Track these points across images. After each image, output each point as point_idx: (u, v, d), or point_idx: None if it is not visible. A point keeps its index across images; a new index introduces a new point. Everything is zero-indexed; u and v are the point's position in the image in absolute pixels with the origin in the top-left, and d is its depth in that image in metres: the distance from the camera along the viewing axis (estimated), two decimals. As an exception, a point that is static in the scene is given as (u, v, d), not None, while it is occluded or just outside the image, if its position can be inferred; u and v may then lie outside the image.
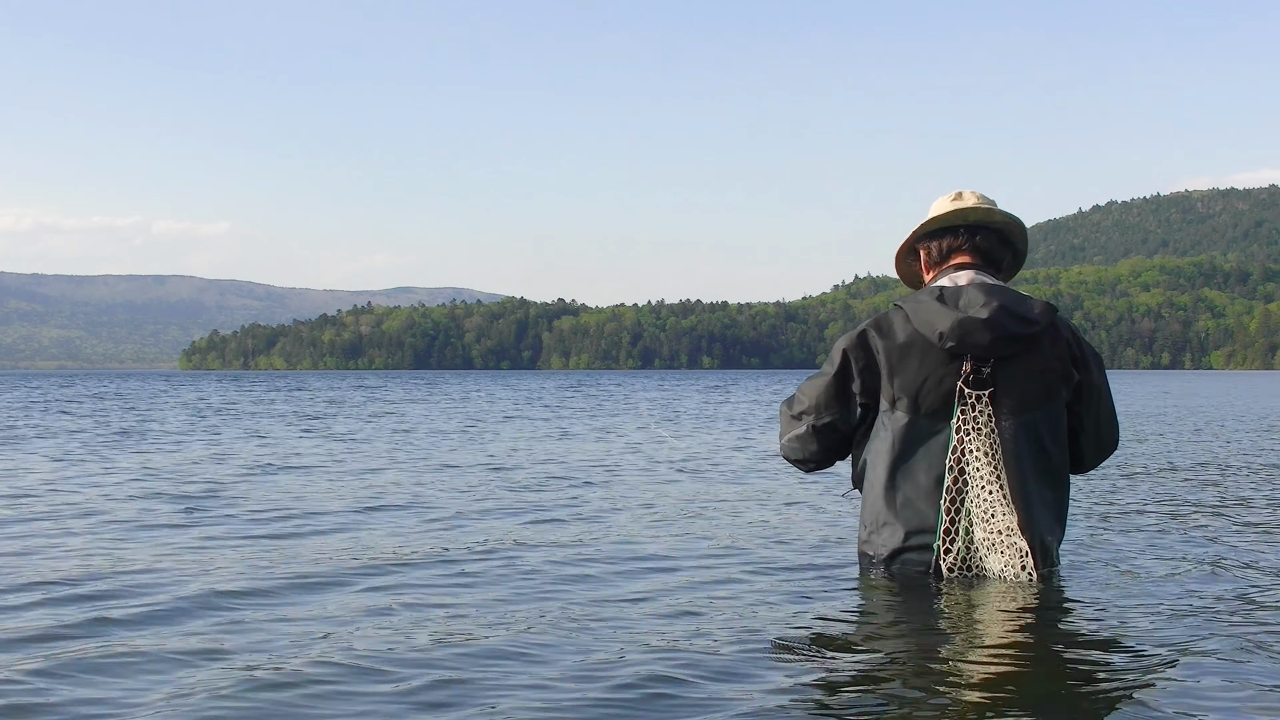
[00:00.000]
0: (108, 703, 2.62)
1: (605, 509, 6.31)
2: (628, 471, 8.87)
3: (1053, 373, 3.67)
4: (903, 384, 3.63)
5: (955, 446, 3.57)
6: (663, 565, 4.40)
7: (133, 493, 7.18)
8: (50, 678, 2.82)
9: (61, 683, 2.78)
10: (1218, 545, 4.84)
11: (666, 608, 3.59)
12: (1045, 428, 3.66)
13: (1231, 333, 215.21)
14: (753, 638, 3.19)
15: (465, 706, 2.59)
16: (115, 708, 2.58)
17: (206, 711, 2.55)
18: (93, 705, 2.61)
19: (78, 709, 2.58)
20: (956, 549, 3.60)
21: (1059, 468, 3.73)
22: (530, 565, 4.40)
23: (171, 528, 5.57)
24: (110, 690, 2.72)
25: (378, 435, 13.95)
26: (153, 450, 11.30)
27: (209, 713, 2.54)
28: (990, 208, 3.82)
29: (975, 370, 3.58)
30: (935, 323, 3.61)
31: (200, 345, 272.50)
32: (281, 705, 2.59)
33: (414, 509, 6.31)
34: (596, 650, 3.05)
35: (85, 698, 2.66)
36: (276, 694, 2.67)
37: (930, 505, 3.61)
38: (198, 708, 2.57)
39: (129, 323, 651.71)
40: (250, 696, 2.64)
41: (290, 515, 6.03)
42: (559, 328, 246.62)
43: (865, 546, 3.81)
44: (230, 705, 2.59)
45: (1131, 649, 3.04)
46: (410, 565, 4.40)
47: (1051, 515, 3.72)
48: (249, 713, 2.55)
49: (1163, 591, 3.80)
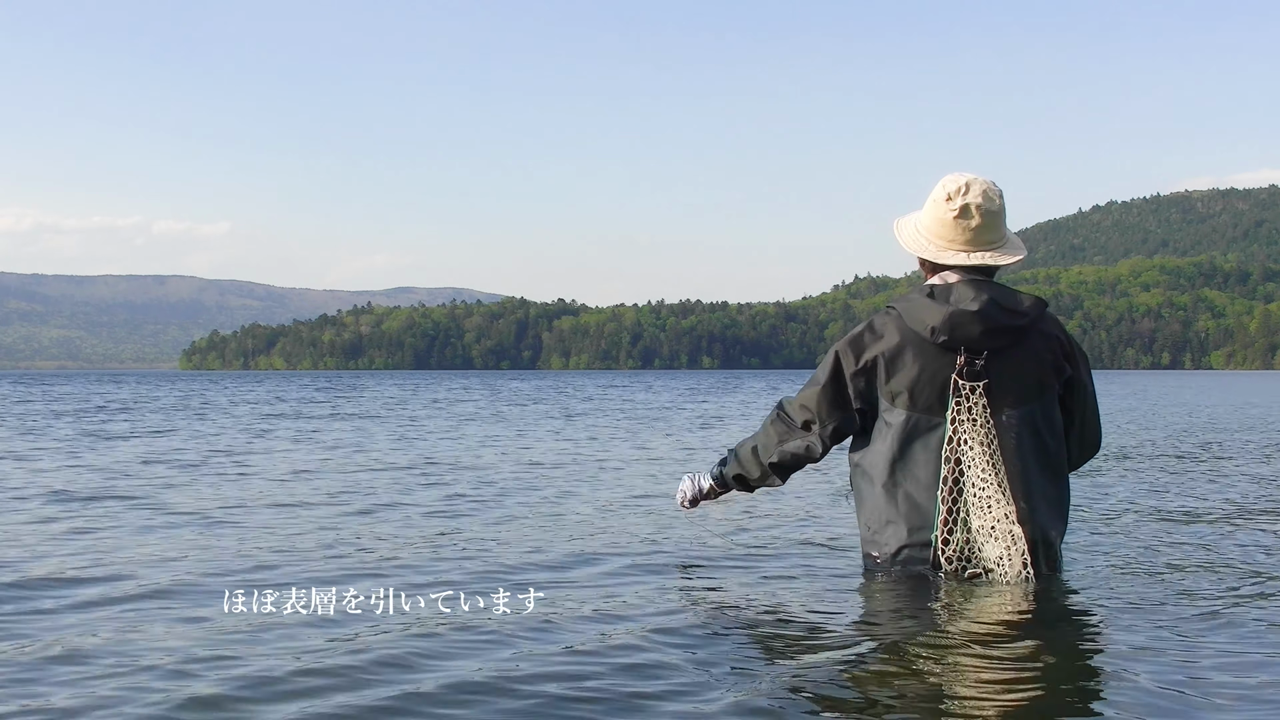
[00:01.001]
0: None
1: (604, 506, 6.30)
2: (627, 472, 8.86)
3: (1045, 365, 3.67)
4: (899, 382, 3.63)
5: (951, 438, 3.57)
6: (660, 567, 4.39)
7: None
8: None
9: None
10: (1214, 540, 4.85)
11: (665, 608, 3.61)
12: (1042, 420, 3.66)
13: (1231, 333, 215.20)
14: (753, 637, 3.19)
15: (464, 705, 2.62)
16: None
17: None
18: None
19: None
20: (955, 540, 3.59)
21: (1058, 461, 3.72)
22: (514, 562, 4.41)
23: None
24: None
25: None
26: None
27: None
28: (998, 256, 3.72)
29: (969, 363, 3.58)
30: (926, 318, 3.61)
31: (200, 345, 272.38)
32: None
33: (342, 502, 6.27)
34: (593, 649, 3.05)
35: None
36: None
37: (931, 501, 3.61)
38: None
39: (129, 323, 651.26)
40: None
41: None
42: (559, 328, 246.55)
43: (869, 546, 3.79)
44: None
45: (1132, 646, 3.06)
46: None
47: (1054, 509, 3.70)
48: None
49: (1162, 589, 3.80)
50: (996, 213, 3.72)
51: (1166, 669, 2.82)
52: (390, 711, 2.53)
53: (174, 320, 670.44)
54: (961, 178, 3.73)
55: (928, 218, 3.78)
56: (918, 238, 3.79)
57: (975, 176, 3.74)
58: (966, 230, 3.69)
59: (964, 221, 3.69)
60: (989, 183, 3.74)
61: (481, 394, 35.08)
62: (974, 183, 3.72)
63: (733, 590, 3.85)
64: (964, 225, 3.69)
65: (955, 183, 3.72)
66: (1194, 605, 3.52)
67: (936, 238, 3.74)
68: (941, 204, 3.73)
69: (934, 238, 3.75)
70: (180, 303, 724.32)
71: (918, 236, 3.80)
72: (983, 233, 3.70)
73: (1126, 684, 2.69)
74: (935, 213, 3.75)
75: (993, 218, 3.71)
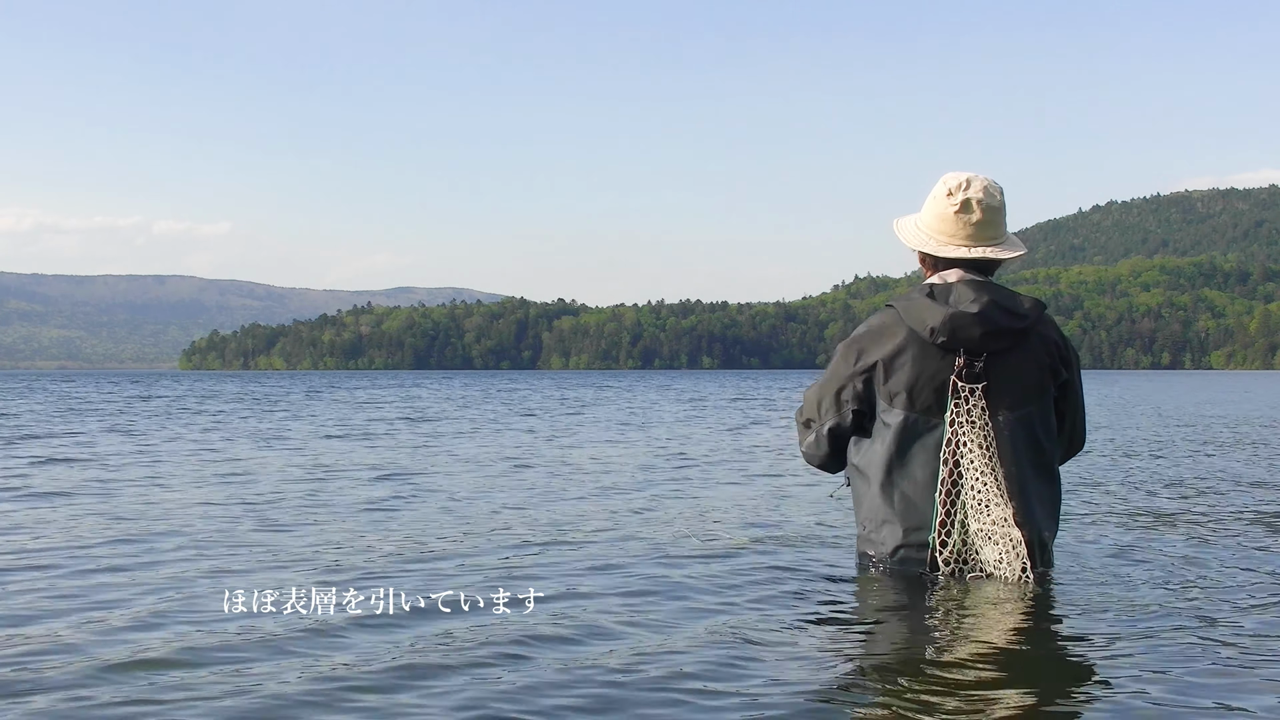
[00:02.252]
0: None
1: (612, 509, 6.31)
2: (624, 469, 8.88)
3: (1043, 368, 3.69)
4: (898, 382, 3.64)
5: (949, 440, 3.58)
6: (658, 565, 4.40)
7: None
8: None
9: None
10: (1207, 544, 4.87)
11: (664, 608, 3.61)
12: (1038, 422, 3.68)
13: (1231, 333, 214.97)
14: (754, 636, 3.20)
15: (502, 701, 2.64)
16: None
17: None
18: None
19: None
20: (953, 542, 3.61)
21: (1051, 462, 3.74)
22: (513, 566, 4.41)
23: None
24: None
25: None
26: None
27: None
28: (999, 250, 3.74)
29: (968, 365, 3.59)
30: (926, 319, 3.61)
31: (200, 345, 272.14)
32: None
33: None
34: (589, 648, 3.06)
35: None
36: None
37: (928, 501, 3.62)
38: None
39: (129, 323, 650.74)
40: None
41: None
42: (559, 328, 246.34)
43: (865, 545, 3.81)
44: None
45: (1127, 648, 3.07)
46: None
47: (1047, 510, 3.73)
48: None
49: (1154, 591, 3.81)
50: (998, 209, 3.74)
51: (1166, 667, 2.82)
52: (391, 711, 2.52)
53: (174, 320, 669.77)
54: (963, 174, 3.77)
55: (928, 214, 3.79)
56: (919, 234, 3.80)
57: (976, 174, 3.78)
58: (968, 225, 3.71)
59: (965, 216, 3.71)
60: (990, 180, 3.77)
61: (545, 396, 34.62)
62: (975, 179, 3.75)
63: (732, 590, 3.85)
64: (965, 220, 3.71)
65: (956, 179, 3.75)
66: (1189, 603, 3.53)
67: (938, 233, 3.75)
68: (943, 199, 3.74)
69: (935, 233, 3.76)
70: (180, 303, 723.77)
71: (919, 232, 3.81)
72: (984, 228, 3.72)
73: (1124, 683, 2.70)
74: (936, 208, 3.76)
75: (994, 213, 3.73)
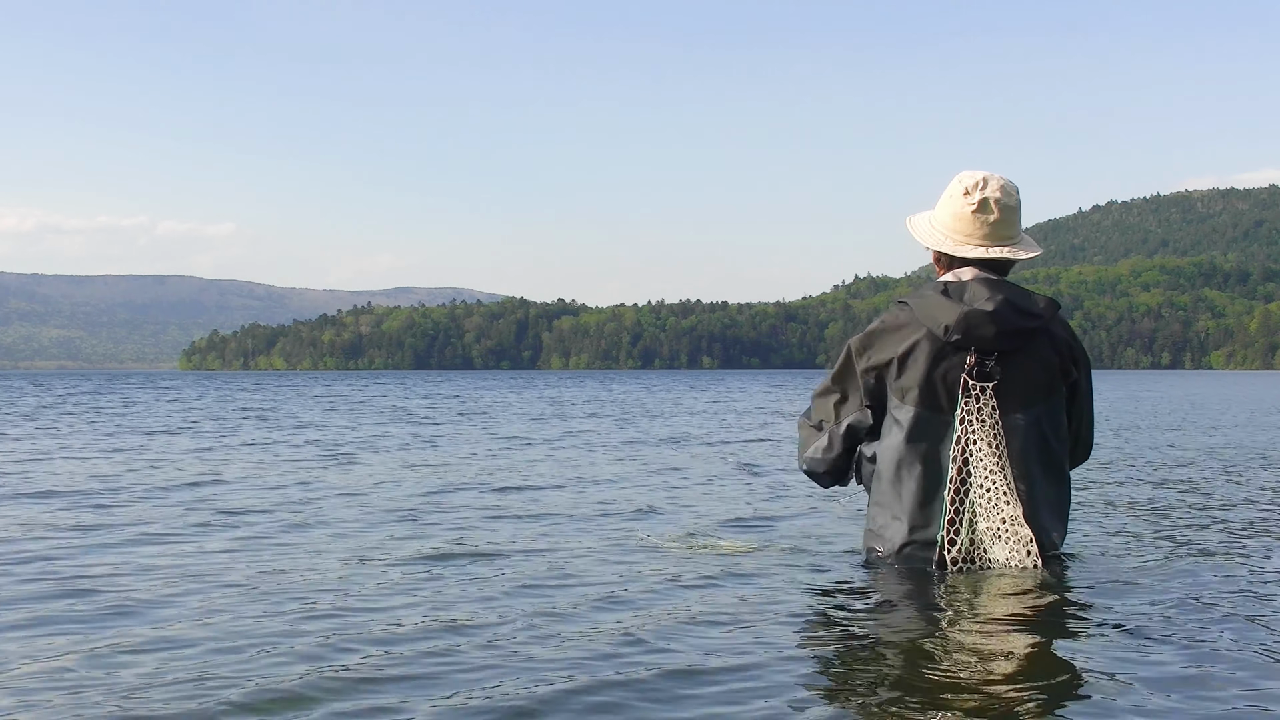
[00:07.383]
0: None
1: (613, 499, 6.36)
2: (626, 468, 8.91)
3: (1054, 368, 3.68)
4: (910, 379, 3.63)
5: (959, 438, 3.57)
6: (658, 563, 4.39)
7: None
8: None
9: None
10: (1218, 538, 4.87)
11: (667, 603, 3.61)
12: (1048, 423, 3.67)
13: (1231, 333, 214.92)
14: (754, 635, 3.20)
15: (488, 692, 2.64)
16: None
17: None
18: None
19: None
20: (961, 541, 3.60)
21: (1061, 463, 3.73)
22: (500, 563, 4.43)
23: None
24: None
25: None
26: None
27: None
28: (1016, 250, 3.72)
29: (980, 363, 3.58)
30: (940, 316, 3.60)
31: (200, 345, 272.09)
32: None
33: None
34: (590, 647, 3.05)
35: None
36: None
37: (937, 499, 3.61)
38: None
39: (129, 323, 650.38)
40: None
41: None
42: (559, 328, 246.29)
43: (872, 540, 3.81)
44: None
45: (1135, 641, 3.06)
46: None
47: (1054, 512, 3.72)
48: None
49: (1165, 584, 3.80)
50: (1014, 208, 3.72)
51: (1166, 665, 2.82)
52: (391, 711, 2.53)
53: (174, 320, 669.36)
54: (979, 173, 3.74)
55: (944, 213, 3.76)
56: (934, 232, 3.78)
57: (992, 173, 3.75)
58: (985, 224, 3.69)
59: (982, 215, 3.69)
60: (1006, 179, 3.75)
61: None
62: (991, 178, 3.73)
63: (733, 586, 3.83)
64: (982, 219, 3.69)
65: (973, 178, 3.72)
66: (1197, 597, 3.51)
67: (954, 232, 3.73)
68: (959, 198, 3.71)
69: (951, 232, 3.74)
70: (180, 303, 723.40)
71: (934, 231, 3.78)
72: (1001, 227, 3.70)
73: (1127, 679, 2.69)
74: (952, 207, 3.73)
75: (1010, 213, 3.71)
